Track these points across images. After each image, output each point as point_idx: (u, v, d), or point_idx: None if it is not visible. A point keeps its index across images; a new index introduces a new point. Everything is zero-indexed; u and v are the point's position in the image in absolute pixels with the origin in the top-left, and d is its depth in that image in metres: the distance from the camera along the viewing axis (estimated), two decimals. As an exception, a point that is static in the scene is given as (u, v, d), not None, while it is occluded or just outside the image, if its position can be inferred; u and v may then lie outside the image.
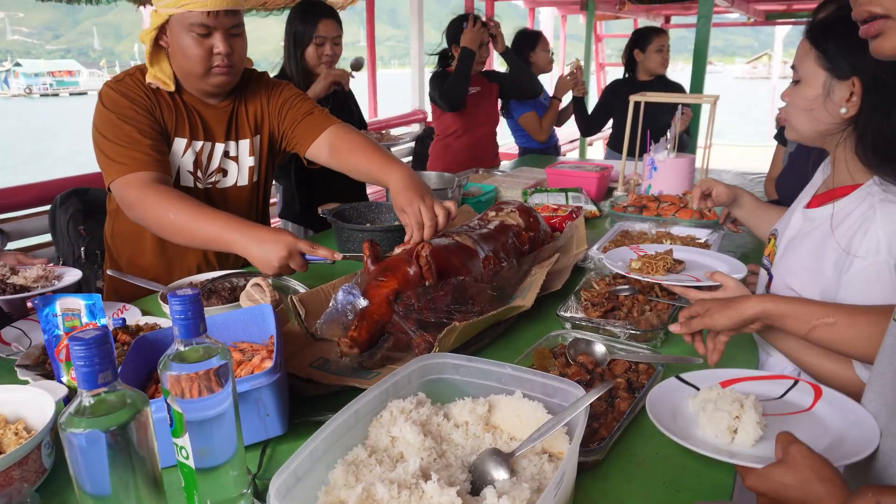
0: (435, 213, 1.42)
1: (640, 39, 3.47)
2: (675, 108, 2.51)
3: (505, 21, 3.50)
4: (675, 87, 3.56)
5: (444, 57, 3.41)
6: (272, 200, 2.33)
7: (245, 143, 1.73)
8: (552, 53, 3.85)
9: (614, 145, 3.71)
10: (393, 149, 4.18)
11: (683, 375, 1.07)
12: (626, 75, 3.63)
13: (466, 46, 3.14)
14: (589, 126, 3.76)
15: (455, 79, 3.18)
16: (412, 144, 4.97)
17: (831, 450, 0.83)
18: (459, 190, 2.25)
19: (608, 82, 3.82)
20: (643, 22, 8.03)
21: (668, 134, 2.39)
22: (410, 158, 4.95)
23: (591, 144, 7.61)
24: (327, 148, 1.70)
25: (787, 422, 0.94)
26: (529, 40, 3.76)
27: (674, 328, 1.16)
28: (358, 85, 3.06)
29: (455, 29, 3.28)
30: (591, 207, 2.29)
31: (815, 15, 1.60)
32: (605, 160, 3.41)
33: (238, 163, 1.73)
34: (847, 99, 1.13)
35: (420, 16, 5.39)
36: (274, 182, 2.39)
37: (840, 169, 1.21)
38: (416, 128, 5.43)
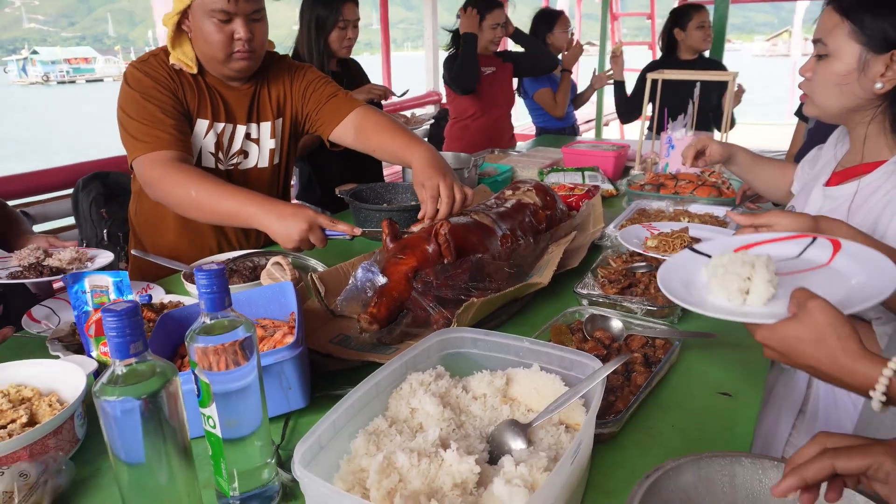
0: (453, 192, 1.43)
1: (680, 17, 3.35)
2: (695, 87, 2.48)
3: (520, 2, 3.47)
4: (717, 66, 3.47)
5: (457, 36, 3.40)
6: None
7: (266, 126, 1.74)
8: (571, 34, 3.79)
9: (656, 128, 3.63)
10: (414, 131, 4.17)
11: (697, 246, 1.04)
12: (663, 56, 3.51)
13: (467, 32, 3.17)
14: (629, 110, 3.60)
15: (461, 64, 3.22)
16: (426, 127, 4.96)
17: (851, 297, 0.81)
18: (476, 170, 2.26)
19: (628, 62, 3.69)
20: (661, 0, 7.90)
21: (688, 111, 2.37)
22: (426, 140, 4.93)
23: (607, 125, 7.53)
24: (353, 130, 1.71)
25: (805, 278, 0.91)
26: (546, 21, 3.71)
27: (731, 214, 1.09)
28: (372, 67, 3.08)
29: None
30: (608, 186, 2.28)
31: None
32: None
33: (259, 145, 1.75)
34: (882, 73, 1.11)
35: (434, -2, 5.35)
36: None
37: (867, 146, 1.19)
38: (430, 109, 5.42)
